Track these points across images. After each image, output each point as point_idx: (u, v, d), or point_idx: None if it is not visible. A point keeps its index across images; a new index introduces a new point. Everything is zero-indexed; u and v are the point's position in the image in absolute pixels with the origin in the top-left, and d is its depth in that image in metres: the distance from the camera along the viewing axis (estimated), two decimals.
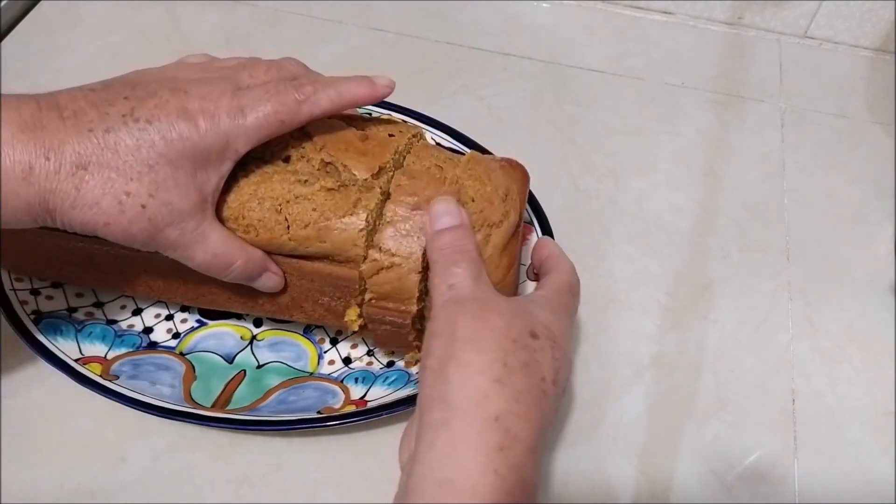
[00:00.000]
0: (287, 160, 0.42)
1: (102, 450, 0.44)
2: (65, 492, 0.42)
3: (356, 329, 0.43)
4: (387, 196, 0.42)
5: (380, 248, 0.40)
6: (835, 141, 0.66)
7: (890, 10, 0.71)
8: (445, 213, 0.38)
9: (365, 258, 0.41)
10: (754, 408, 0.49)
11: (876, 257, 0.58)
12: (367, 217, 0.40)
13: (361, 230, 0.40)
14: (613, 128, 0.65)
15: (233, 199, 0.40)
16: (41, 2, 0.70)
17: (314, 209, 0.40)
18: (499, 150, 0.55)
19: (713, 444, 0.47)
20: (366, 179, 0.41)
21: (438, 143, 0.56)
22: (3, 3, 0.67)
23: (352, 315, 0.43)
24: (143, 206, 0.35)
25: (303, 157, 0.42)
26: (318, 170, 0.41)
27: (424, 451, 0.30)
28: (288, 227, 0.40)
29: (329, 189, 0.40)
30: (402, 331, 0.43)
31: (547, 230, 0.51)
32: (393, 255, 0.40)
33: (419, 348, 0.45)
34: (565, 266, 0.40)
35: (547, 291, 0.38)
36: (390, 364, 0.48)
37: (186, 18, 0.70)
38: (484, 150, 0.55)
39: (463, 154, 0.46)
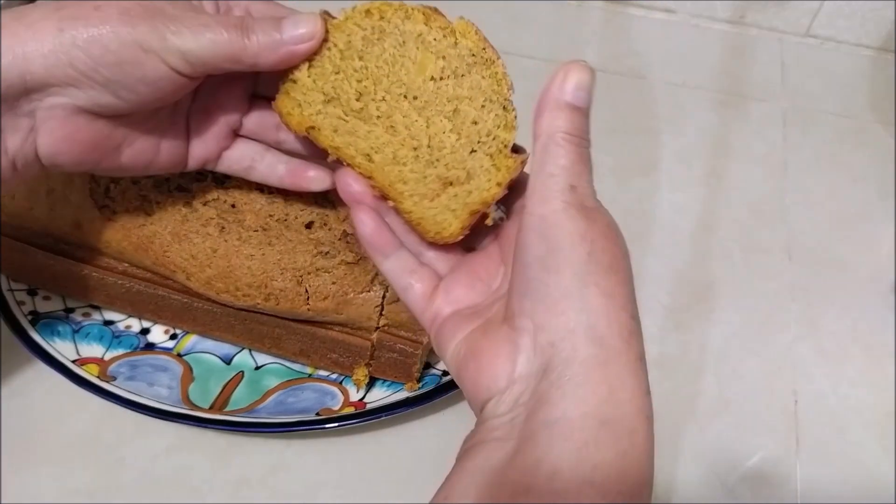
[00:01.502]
0: (310, 226, 0.43)
1: (100, 451, 0.44)
2: (64, 492, 0.42)
3: (362, 387, 0.45)
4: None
5: None
6: (837, 140, 0.66)
7: (892, 9, 0.70)
8: (583, 87, 0.30)
9: (377, 329, 0.42)
10: (756, 409, 0.49)
11: (878, 258, 0.58)
12: (383, 293, 0.42)
13: (377, 306, 0.42)
14: (615, 127, 0.65)
15: (257, 268, 0.41)
16: (39, 1, 0.70)
17: (334, 283, 0.41)
18: None
19: (715, 446, 0.47)
20: None
21: None
22: (2, 2, 0.67)
23: (359, 374, 0.44)
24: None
25: (325, 224, 0.43)
26: (339, 240, 0.42)
27: (575, 387, 0.28)
28: (308, 298, 0.42)
29: (349, 263, 0.42)
30: (409, 360, 0.43)
31: None
32: None
33: (418, 381, 0.45)
34: None
35: None
36: None
37: None
38: None
39: None
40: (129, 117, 0.34)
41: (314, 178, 0.38)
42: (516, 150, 0.33)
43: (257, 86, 0.38)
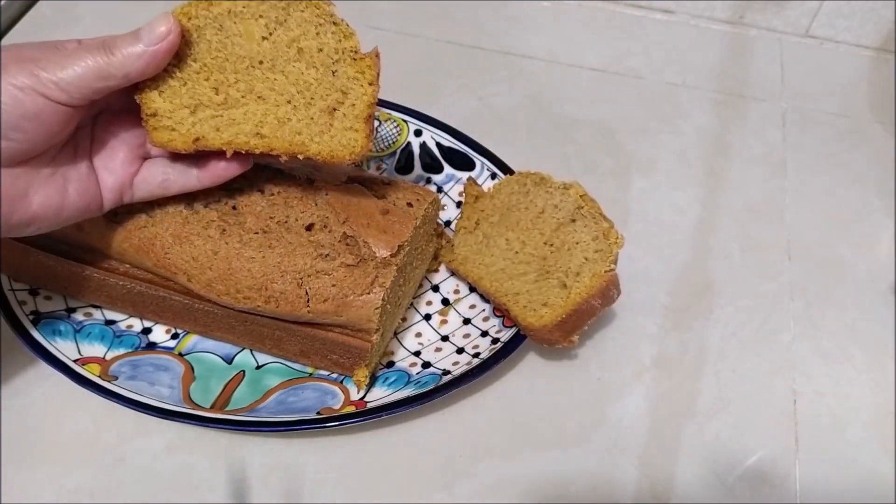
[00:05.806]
0: (310, 228, 0.43)
1: (101, 450, 0.44)
2: (64, 492, 0.42)
3: (363, 387, 0.45)
4: (402, 269, 0.43)
5: None
6: (836, 140, 0.66)
7: (891, 9, 0.70)
8: None
9: (377, 331, 0.42)
10: (756, 408, 0.49)
11: (878, 257, 0.58)
12: (383, 295, 0.41)
13: (377, 308, 0.42)
14: (614, 127, 0.65)
15: (258, 270, 0.41)
16: (39, 1, 0.70)
17: (334, 285, 0.41)
18: (499, 150, 0.55)
19: (714, 445, 0.47)
20: (384, 258, 0.42)
21: (438, 143, 0.56)
22: (2, 2, 0.67)
23: (360, 375, 0.44)
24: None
25: (325, 226, 0.43)
26: (339, 242, 0.42)
27: None
28: (308, 300, 0.41)
29: (349, 266, 0.42)
30: None
31: None
32: None
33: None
34: None
35: None
36: (390, 364, 0.48)
37: None
38: (484, 150, 0.55)
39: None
40: (29, 164, 0.35)
41: (228, 166, 0.40)
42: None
43: None
